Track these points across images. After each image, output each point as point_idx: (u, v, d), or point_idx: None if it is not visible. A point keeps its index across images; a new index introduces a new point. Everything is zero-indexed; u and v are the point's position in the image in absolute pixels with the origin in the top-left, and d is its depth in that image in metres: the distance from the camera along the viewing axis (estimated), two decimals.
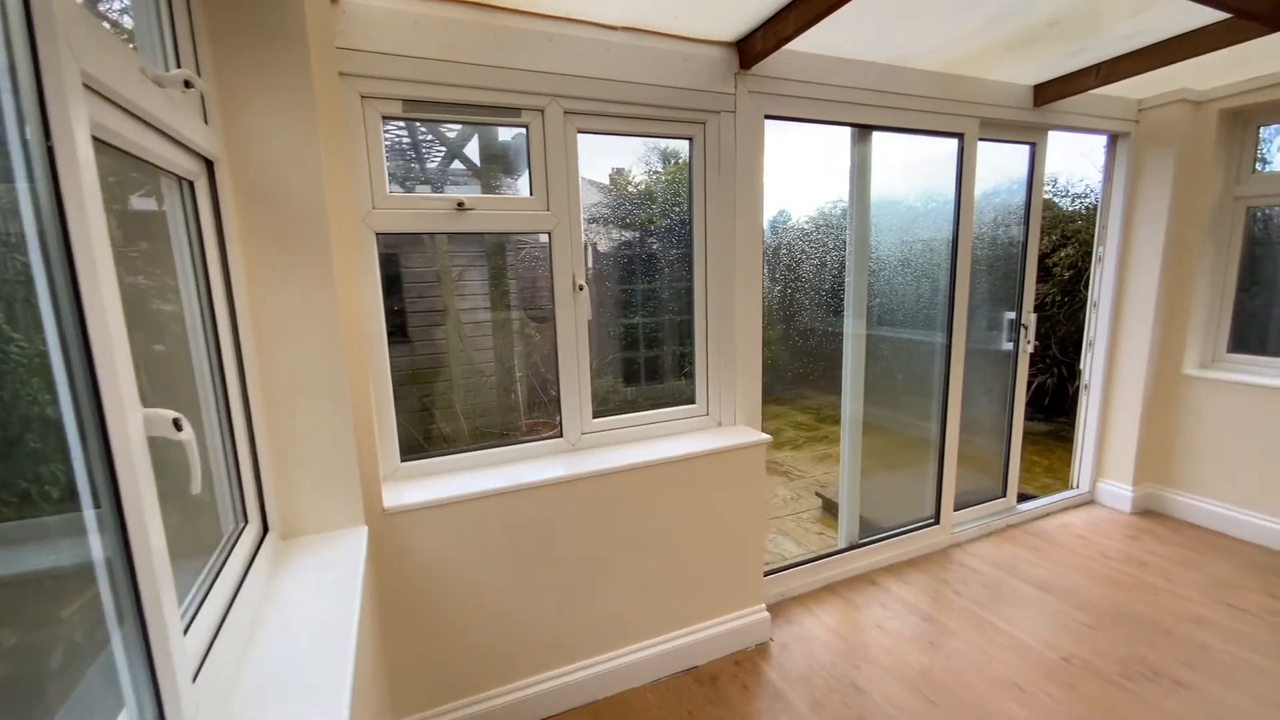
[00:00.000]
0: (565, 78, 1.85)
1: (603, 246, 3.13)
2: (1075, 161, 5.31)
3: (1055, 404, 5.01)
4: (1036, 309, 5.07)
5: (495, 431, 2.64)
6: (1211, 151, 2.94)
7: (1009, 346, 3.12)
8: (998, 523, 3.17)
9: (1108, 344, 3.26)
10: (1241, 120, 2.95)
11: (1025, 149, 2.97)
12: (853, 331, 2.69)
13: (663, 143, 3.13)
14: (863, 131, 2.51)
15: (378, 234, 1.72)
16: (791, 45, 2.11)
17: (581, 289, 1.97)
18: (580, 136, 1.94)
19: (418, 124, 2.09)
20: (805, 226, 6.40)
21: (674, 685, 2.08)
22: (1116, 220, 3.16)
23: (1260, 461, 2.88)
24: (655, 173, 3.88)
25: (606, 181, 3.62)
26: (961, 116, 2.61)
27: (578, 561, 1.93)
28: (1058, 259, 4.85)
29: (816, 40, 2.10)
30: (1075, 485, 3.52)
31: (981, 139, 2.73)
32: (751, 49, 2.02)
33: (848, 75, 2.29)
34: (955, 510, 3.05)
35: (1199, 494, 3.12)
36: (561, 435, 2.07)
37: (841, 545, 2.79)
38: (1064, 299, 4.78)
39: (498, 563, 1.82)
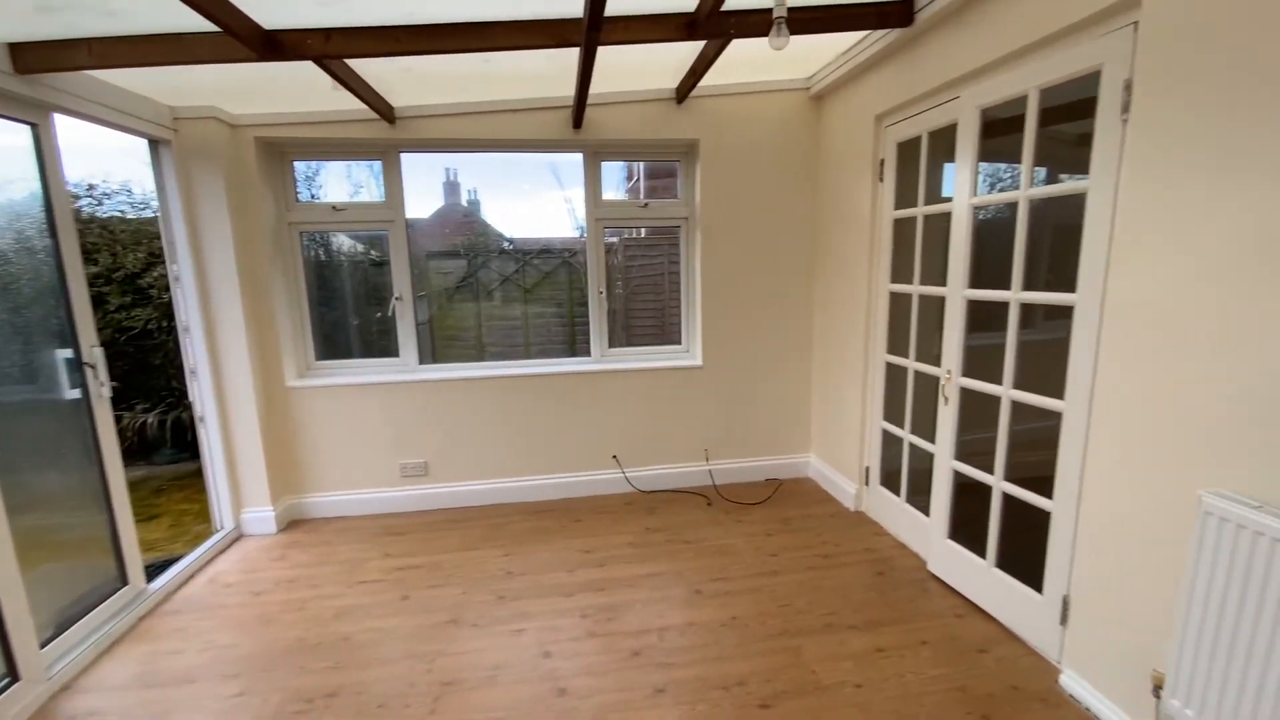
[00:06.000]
0: None
1: None
2: (141, 168, 4.78)
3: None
4: (140, 336, 4.38)
5: None
6: (258, 177, 3.10)
7: (77, 394, 2.34)
8: (127, 620, 2.42)
9: (211, 369, 3.02)
10: (277, 151, 3.24)
11: (26, 130, 2.19)
12: None
13: None
14: None
15: None
16: None
17: None
18: None
19: None
20: None
21: None
22: (183, 237, 2.89)
23: (356, 447, 3.41)
24: None
25: None
26: None
27: None
28: (152, 279, 4.27)
29: None
30: (220, 526, 3.19)
31: None
32: None
33: None
34: (47, 643, 2.09)
35: (325, 490, 3.44)
36: None
37: None
38: (169, 323, 4.29)
39: None
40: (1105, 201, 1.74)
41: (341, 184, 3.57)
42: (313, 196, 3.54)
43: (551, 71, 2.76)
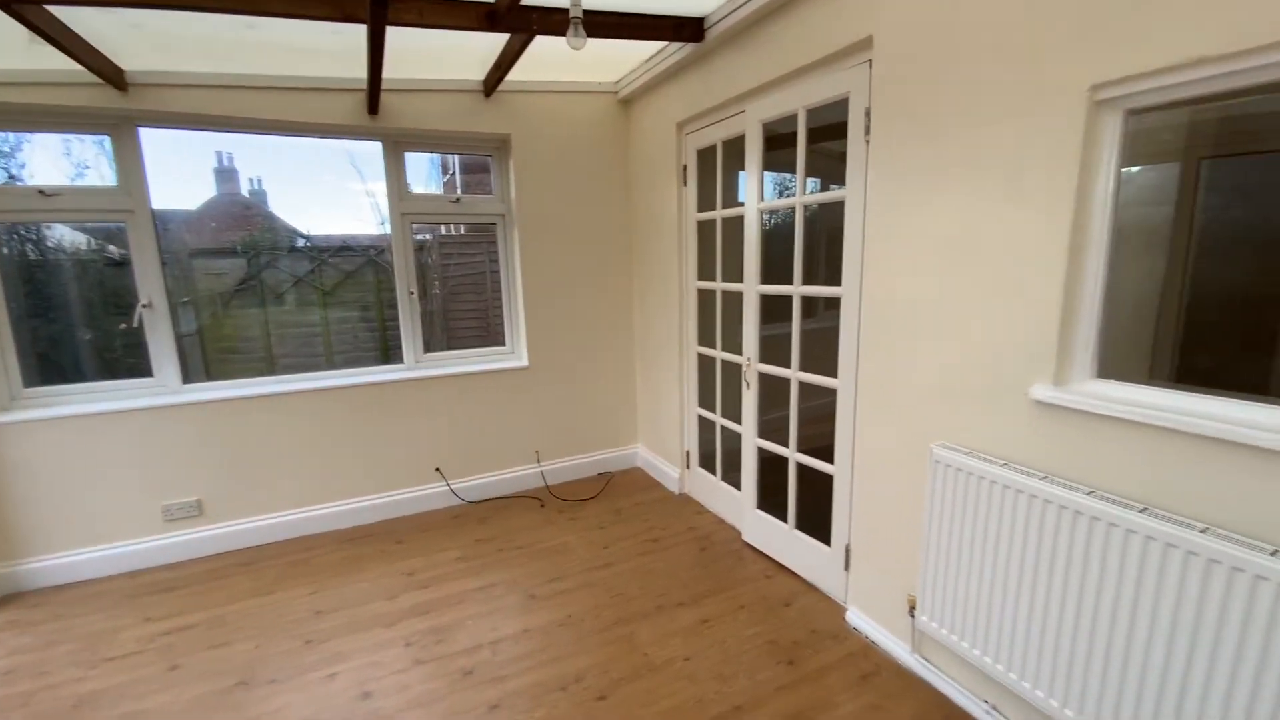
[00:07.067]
0: None
1: None
2: None
3: None
4: None
5: None
6: None
7: None
8: None
9: None
10: None
11: None
12: None
13: None
14: None
15: None
16: None
17: None
18: None
19: None
20: None
21: None
22: None
23: (97, 492, 2.74)
24: None
25: None
26: None
27: None
28: None
29: None
30: None
31: None
32: None
33: None
34: None
35: (52, 551, 2.70)
36: None
37: None
38: None
39: None
40: (858, 208, 2.06)
41: (58, 162, 2.82)
42: (11, 178, 2.75)
43: (338, 48, 2.48)
